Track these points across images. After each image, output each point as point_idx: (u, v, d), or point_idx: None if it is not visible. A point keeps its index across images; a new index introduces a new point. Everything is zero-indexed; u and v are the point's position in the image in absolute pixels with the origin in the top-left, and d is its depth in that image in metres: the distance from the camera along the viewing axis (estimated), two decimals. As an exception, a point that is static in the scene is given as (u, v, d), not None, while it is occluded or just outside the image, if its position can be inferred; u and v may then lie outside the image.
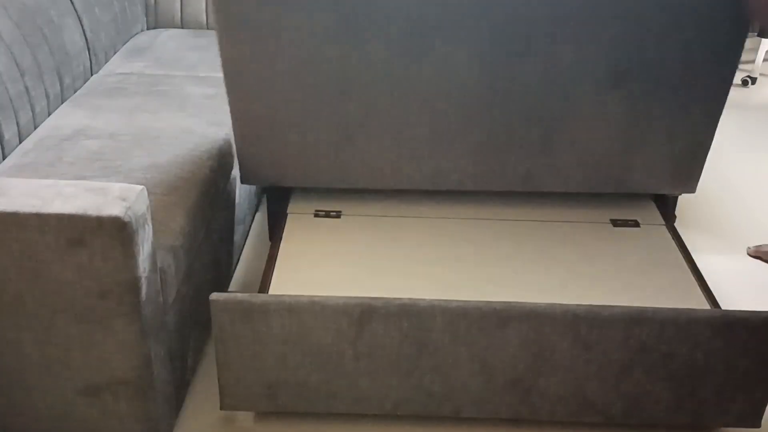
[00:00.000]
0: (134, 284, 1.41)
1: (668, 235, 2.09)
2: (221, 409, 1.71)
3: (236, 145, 2.00)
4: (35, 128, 2.07)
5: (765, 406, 1.69)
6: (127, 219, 1.35)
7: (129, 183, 1.78)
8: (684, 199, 2.74)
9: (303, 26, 1.83)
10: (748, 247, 2.37)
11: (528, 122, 2.02)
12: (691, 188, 2.13)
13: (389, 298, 1.60)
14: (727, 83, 1.93)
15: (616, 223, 2.13)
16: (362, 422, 1.76)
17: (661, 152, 2.05)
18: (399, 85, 1.93)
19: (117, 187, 1.41)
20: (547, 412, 1.71)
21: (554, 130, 2.03)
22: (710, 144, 2.03)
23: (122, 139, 1.99)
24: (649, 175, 2.09)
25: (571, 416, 1.71)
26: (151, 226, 1.45)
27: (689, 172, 2.08)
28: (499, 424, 1.77)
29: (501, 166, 2.21)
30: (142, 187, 1.42)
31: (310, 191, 2.24)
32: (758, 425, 1.72)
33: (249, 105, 1.94)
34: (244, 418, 1.77)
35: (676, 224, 2.52)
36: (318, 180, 2.21)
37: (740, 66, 3.98)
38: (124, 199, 1.38)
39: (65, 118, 2.10)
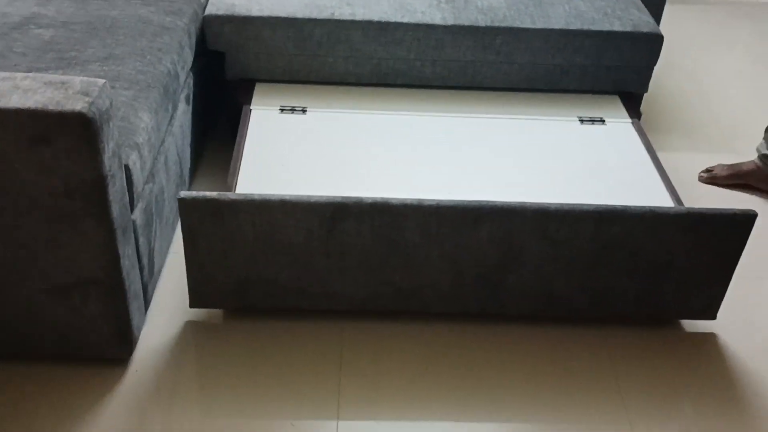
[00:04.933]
0: (100, 183, 1.36)
1: (634, 133, 2.10)
2: (190, 307, 1.71)
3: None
4: (-21, 15, 1.95)
5: (721, 300, 1.76)
6: (90, 115, 1.29)
7: (87, 76, 1.71)
8: (650, 97, 2.74)
9: None
10: (700, 175, 2.37)
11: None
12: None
13: (361, 197, 1.58)
14: None
15: (583, 120, 2.13)
16: (332, 318, 1.78)
17: None
18: None
19: (78, 81, 1.34)
20: (514, 306, 1.75)
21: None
22: None
23: (76, 29, 1.89)
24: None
25: (536, 310, 1.76)
26: (115, 122, 1.39)
27: None
28: (467, 319, 1.80)
29: (471, 60, 2.17)
30: (104, 81, 1.36)
31: (274, 86, 2.17)
32: (714, 318, 1.78)
33: None
34: (214, 315, 1.77)
35: (642, 122, 2.54)
36: (284, 73, 2.15)
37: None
38: (86, 94, 1.31)
39: (12, 5, 1.97)
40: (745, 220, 1.64)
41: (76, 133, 1.29)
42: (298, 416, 1.56)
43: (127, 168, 1.50)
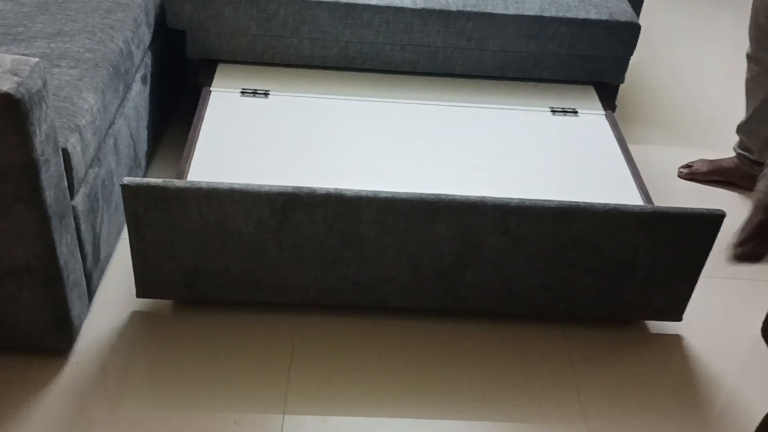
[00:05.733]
0: (32, 167, 1.29)
1: (607, 126, 2.03)
2: (137, 297, 1.64)
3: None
4: (-75, -14, 1.86)
5: (687, 302, 1.70)
6: (18, 96, 1.21)
7: (30, 52, 1.63)
8: (628, 88, 2.68)
9: None
10: (680, 170, 2.30)
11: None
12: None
13: (314, 188, 1.52)
14: None
15: (555, 111, 2.07)
16: (284, 311, 1.72)
17: None
18: None
19: (8, 60, 1.26)
20: (472, 303, 1.69)
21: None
22: None
23: (26, 2, 1.80)
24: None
25: (496, 307, 1.70)
26: (49, 103, 1.31)
27: None
28: (424, 315, 1.74)
29: (441, 45, 2.10)
30: (37, 59, 1.28)
31: (237, 67, 2.10)
32: (680, 319, 1.73)
33: None
34: (163, 306, 1.71)
35: (616, 114, 2.47)
36: (247, 54, 2.07)
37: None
38: (16, 74, 1.24)
39: (-40, -24, 1.88)
40: (713, 220, 1.59)
41: (4, 115, 1.22)
42: (244, 410, 1.50)
43: (65, 151, 1.43)
